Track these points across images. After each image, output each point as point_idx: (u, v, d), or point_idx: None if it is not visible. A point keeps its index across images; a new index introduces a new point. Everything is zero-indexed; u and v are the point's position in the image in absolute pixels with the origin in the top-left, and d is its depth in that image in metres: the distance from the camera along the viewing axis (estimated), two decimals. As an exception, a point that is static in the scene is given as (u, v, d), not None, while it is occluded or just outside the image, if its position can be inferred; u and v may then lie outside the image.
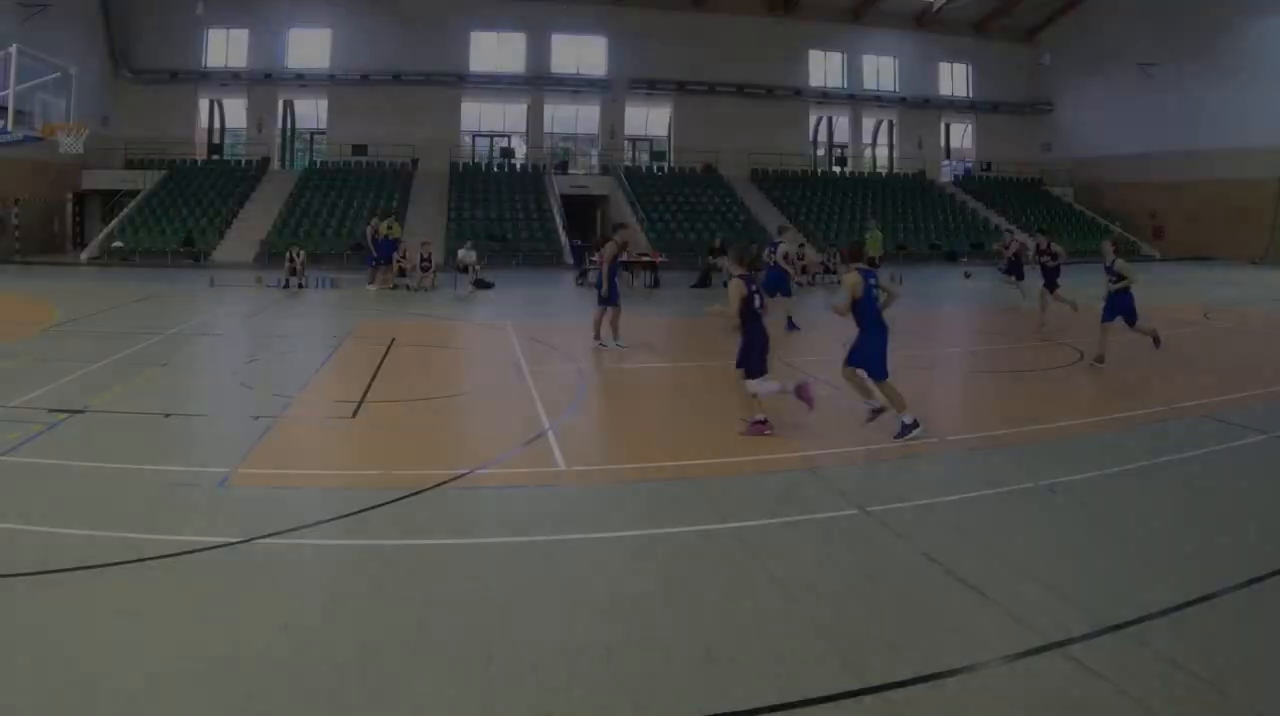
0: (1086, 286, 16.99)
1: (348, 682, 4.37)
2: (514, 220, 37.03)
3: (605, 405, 11.25)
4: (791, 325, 16.62)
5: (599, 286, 14.50)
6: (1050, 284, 16.95)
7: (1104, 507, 7.08)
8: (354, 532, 6.41)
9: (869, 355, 9.02)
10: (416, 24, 42.55)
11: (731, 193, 42.45)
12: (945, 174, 50.12)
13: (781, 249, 17.63)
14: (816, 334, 16.24)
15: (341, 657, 4.61)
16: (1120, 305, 12.96)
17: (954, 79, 49.92)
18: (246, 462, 8.00)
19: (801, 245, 30.87)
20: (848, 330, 9.34)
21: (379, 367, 12.77)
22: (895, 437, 8.75)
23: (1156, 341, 13.09)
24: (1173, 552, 6.16)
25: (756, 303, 9.17)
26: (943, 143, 50.93)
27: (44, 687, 4.20)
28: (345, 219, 36.04)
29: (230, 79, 42.78)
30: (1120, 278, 12.92)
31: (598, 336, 14.36)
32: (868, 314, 9.03)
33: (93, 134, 15.65)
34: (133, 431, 9.01)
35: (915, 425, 8.79)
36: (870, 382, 9.07)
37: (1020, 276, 21.05)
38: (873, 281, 9.11)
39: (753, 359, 9.09)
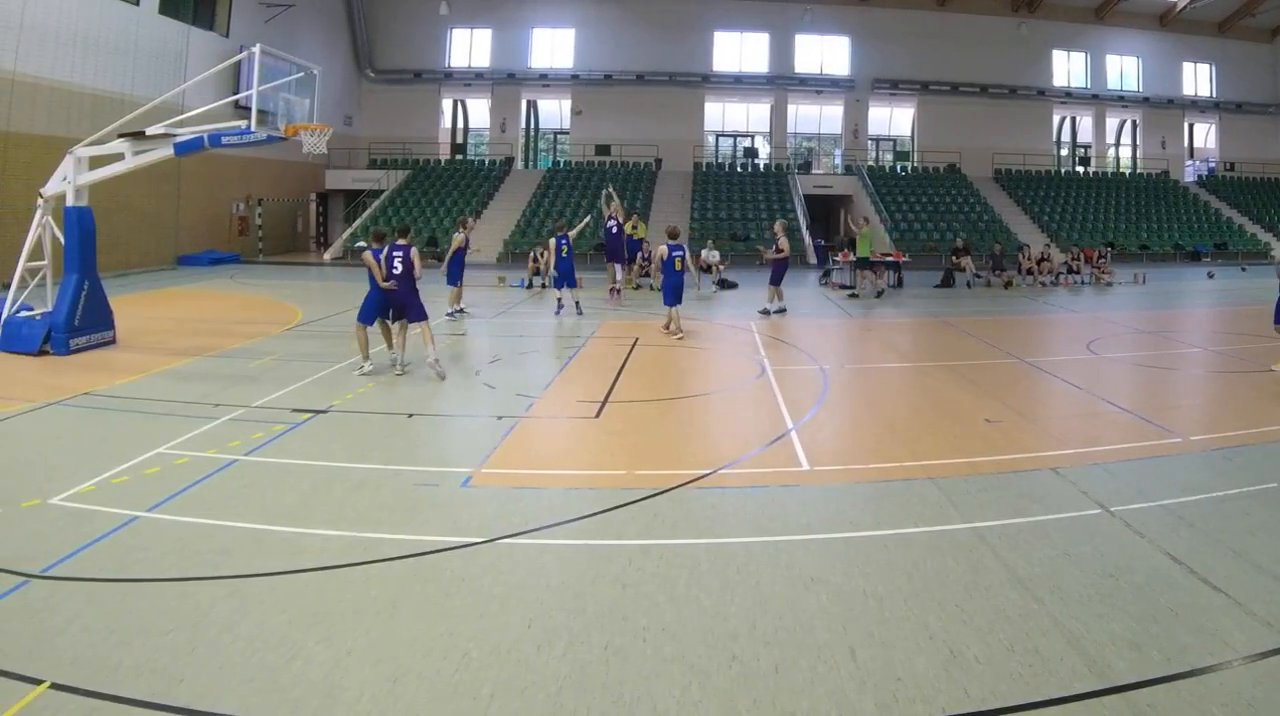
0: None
1: (591, 682, 4.59)
2: (757, 220, 37.30)
3: (848, 405, 11.30)
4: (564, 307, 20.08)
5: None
6: None
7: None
8: (597, 532, 6.70)
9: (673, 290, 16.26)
10: (660, 24, 44.47)
11: (975, 193, 43.16)
12: (1189, 174, 51.10)
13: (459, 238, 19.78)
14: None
15: (585, 656, 4.85)
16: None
17: (1197, 78, 50.55)
18: (490, 463, 8.51)
19: (1047, 245, 34.00)
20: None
21: (622, 367, 13.26)
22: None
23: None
24: None
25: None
26: (1186, 142, 51.83)
27: (284, 687, 4.57)
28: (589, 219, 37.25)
29: (474, 79, 45.65)
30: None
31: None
32: (668, 273, 16.29)
33: (336, 134, 16.87)
34: (376, 431, 9.69)
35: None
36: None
37: None
38: (677, 253, 16.17)
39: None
